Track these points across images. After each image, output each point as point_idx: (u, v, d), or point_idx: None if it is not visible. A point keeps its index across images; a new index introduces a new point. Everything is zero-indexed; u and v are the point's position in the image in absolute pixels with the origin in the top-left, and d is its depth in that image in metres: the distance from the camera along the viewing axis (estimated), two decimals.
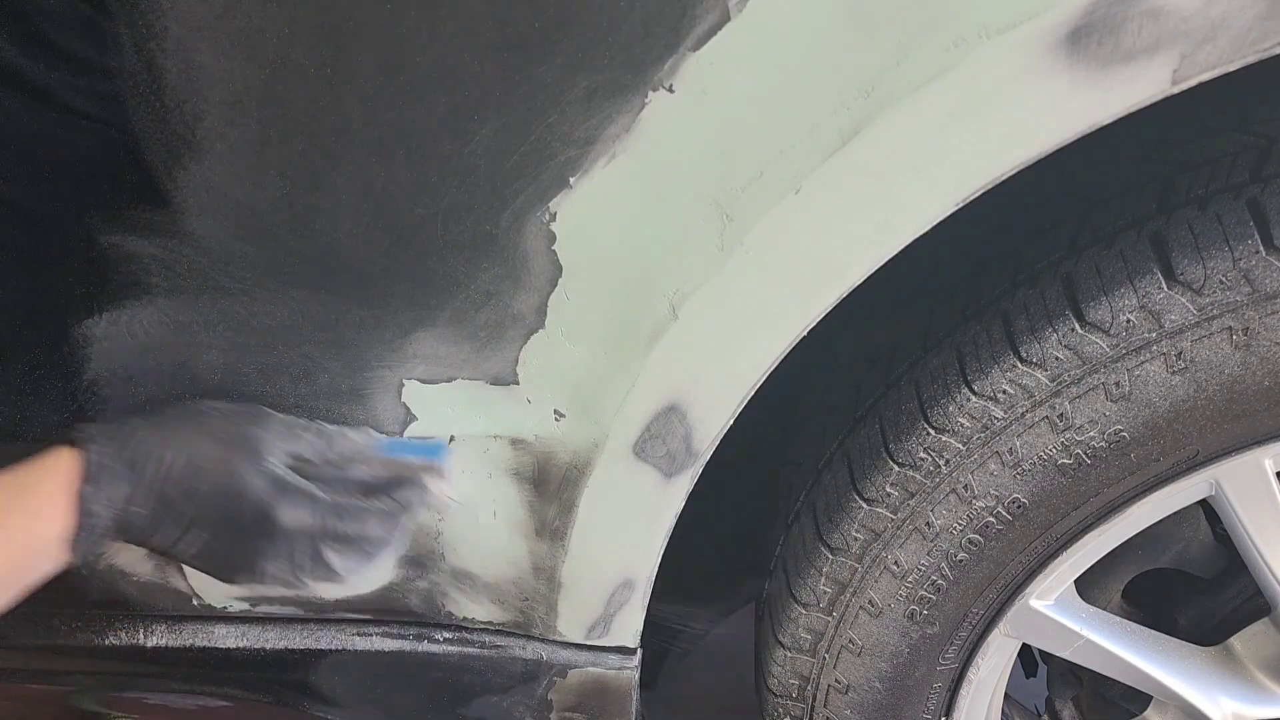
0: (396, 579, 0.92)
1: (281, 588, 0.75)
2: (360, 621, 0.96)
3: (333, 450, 0.77)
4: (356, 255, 0.71)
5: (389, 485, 0.78)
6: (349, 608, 0.95)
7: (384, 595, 0.93)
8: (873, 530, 0.89)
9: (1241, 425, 0.77)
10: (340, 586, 0.75)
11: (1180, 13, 0.56)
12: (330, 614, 0.95)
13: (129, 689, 1.07)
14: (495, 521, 0.86)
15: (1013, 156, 0.62)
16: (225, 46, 0.62)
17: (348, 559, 0.76)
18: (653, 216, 0.67)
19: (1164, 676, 0.97)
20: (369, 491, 0.78)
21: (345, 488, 0.77)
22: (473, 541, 0.88)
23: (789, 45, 0.59)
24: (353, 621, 0.96)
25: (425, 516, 0.84)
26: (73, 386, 0.80)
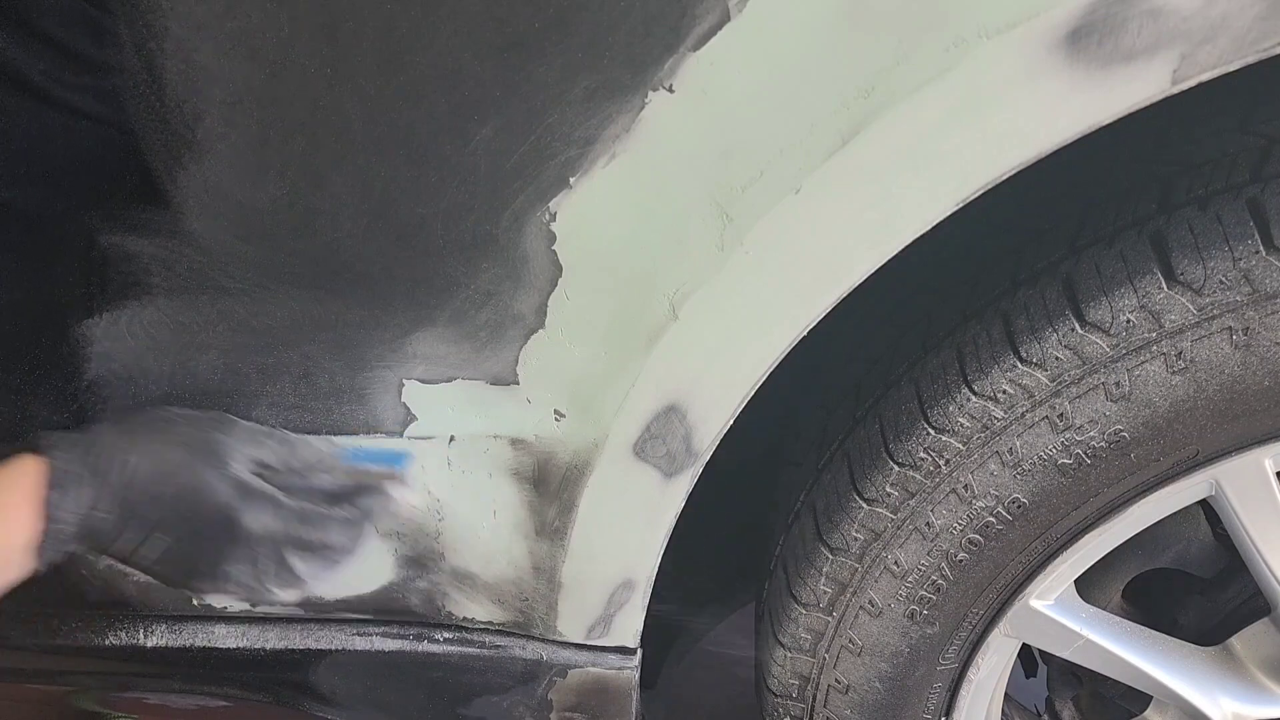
0: (396, 579, 0.92)
1: (243, 593, 0.75)
2: (360, 621, 0.96)
3: (296, 457, 0.78)
4: (356, 255, 0.71)
5: (351, 493, 0.79)
6: (349, 608, 0.95)
7: (384, 595, 0.93)
8: (873, 530, 0.89)
9: (1241, 425, 0.77)
10: (304, 591, 0.76)
11: (1180, 13, 0.56)
12: (330, 614, 0.95)
13: (129, 689, 1.07)
14: (495, 521, 0.86)
15: (1013, 156, 0.62)
16: (225, 46, 0.62)
17: (312, 565, 0.76)
18: (653, 216, 0.67)
19: (1164, 676, 0.97)
20: (332, 499, 0.78)
21: (308, 495, 0.77)
22: (473, 541, 0.88)
23: (789, 45, 0.59)
24: (353, 621, 0.96)
25: (388, 523, 0.85)
26: (73, 386, 0.80)
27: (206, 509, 0.71)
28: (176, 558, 0.72)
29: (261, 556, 0.74)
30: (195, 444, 0.73)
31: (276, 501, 0.74)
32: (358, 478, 0.80)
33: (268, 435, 0.78)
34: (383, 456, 0.81)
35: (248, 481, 0.73)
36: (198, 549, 0.72)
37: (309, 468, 0.78)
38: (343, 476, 0.79)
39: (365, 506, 0.79)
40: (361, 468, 0.80)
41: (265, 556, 0.74)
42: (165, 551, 0.72)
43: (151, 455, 0.71)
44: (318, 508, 0.77)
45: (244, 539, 0.72)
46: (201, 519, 0.71)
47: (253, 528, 0.72)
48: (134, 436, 0.72)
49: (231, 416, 0.78)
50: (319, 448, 0.79)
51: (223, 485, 0.72)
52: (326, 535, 0.76)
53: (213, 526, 0.72)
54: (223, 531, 0.72)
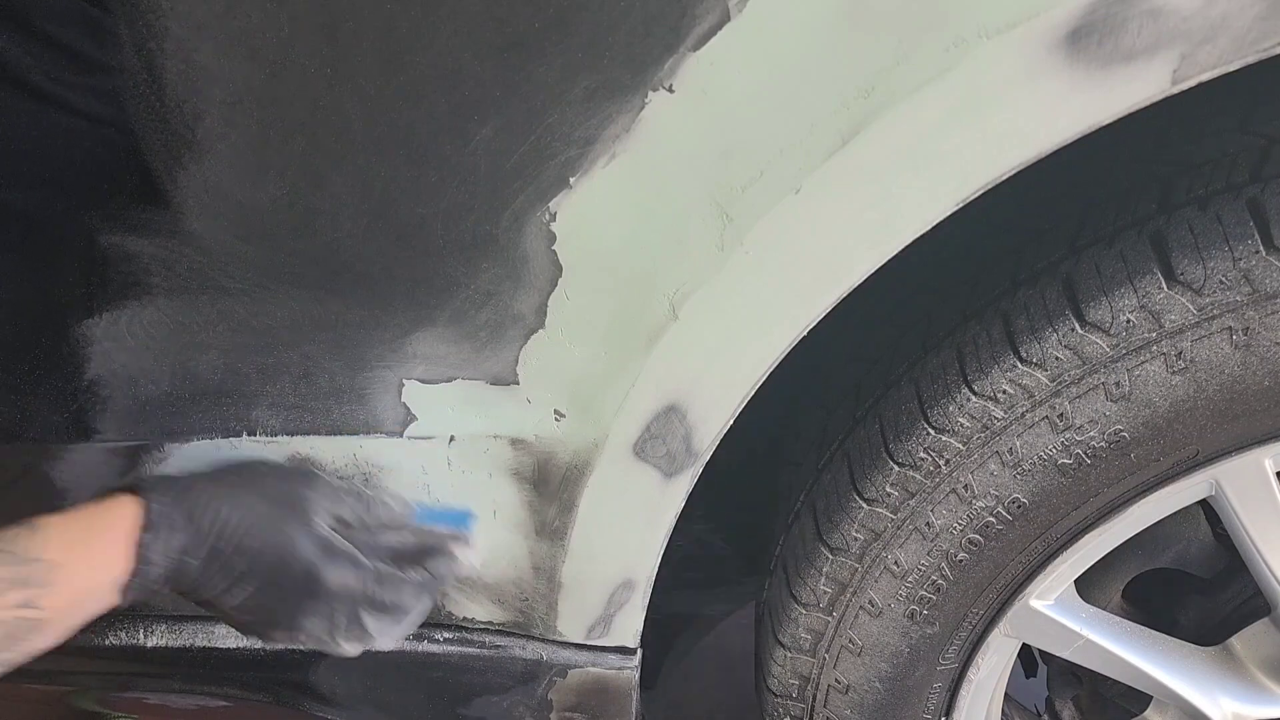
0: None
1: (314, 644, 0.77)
2: None
3: (370, 515, 0.80)
4: (356, 255, 0.71)
5: (421, 554, 0.81)
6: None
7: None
8: (873, 530, 0.89)
9: (1241, 425, 0.77)
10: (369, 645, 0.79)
11: (1180, 13, 0.56)
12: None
13: (129, 689, 1.07)
14: (495, 521, 0.86)
15: (1013, 156, 0.62)
16: (225, 46, 0.63)
17: (382, 622, 0.78)
18: (653, 216, 0.67)
19: (1164, 676, 0.97)
20: (402, 558, 0.80)
21: (380, 552, 0.79)
22: (473, 541, 0.88)
23: (789, 45, 0.59)
24: None
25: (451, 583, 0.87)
26: (73, 386, 0.80)
27: (290, 563, 0.73)
28: (257, 608, 0.74)
29: (339, 613, 0.75)
30: (282, 498, 0.75)
31: (356, 560, 0.76)
32: (426, 539, 0.82)
33: (347, 492, 0.79)
34: (450, 517, 0.84)
35: (329, 539, 0.75)
36: (279, 601, 0.74)
37: (382, 526, 0.80)
38: (410, 536, 0.81)
39: (434, 569, 0.81)
40: (430, 529, 0.83)
41: (341, 613, 0.76)
42: (246, 600, 0.73)
43: (242, 506, 0.73)
44: (393, 569, 0.79)
45: (324, 595, 0.74)
46: (284, 573, 0.73)
47: (333, 585, 0.74)
48: (226, 485, 0.74)
49: (316, 471, 0.80)
50: (394, 507, 0.82)
51: (306, 541, 0.74)
52: (400, 597, 0.78)
53: (295, 581, 0.73)
54: (304, 586, 0.74)
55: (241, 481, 0.76)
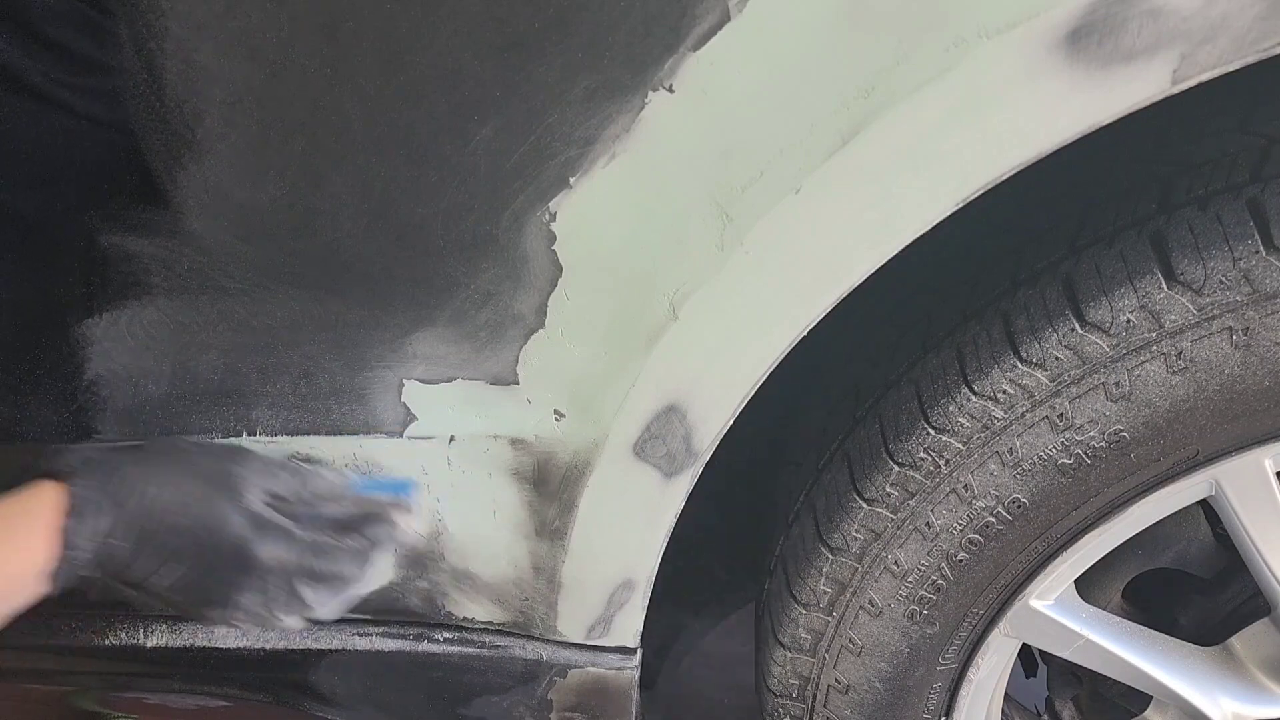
0: (396, 579, 0.92)
1: (252, 621, 0.76)
2: (360, 621, 0.96)
3: (308, 488, 0.79)
4: (356, 255, 0.71)
5: (360, 522, 0.80)
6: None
7: (384, 595, 0.93)
8: (873, 530, 0.89)
9: (1241, 425, 0.77)
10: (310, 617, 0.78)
11: (1180, 13, 0.56)
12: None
13: (129, 689, 1.07)
14: (495, 521, 0.86)
15: (1013, 156, 0.62)
16: (225, 46, 0.63)
17: (320, 593, 0.77)
18: (653, 216, 0.67)
19: (1164, 676, 0.97)
20: (341, 529, 0.79)
21: (318, 524, 0.78)
22: (473, 541, 0.88)
23: (789, 45, 0.59)
24: (353, 621, 0.96)
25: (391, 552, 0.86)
26: (73, 386, 0.80)
27: (221, 540, 0.72)
28: (189, 587, 0.73)
29: (272, 586, 0.75)
30: (211, 475, 0.74)
31: (289, 533, 0.75)
32: (366, 507, 0.81)
33: (281, 467, 0.78)
34: (390, 486, 0.83)
35: (261, 513, 0.74)
36: (211, 579, 0.73)
37: (320, 498, 0.79)
38: (351, 506, 0.81)
39: (373, 535, 0.80)
40: (370, 497, 0.82)
41: (276, 586, 0.75)
42: (178, 580, 0.72)
43: (169, 485, 0.72)
44: (328, 539, 0.78)
45: (256, 569, 0.73)
46: (215, 549, 0.72)
47: (265, 559, 0.73)
48: (152, 466, 0.73)
49: (247, 448, 0.79)
50: (330, 479, 0.81)
51: (237, 517, 0.73)
52: (337, 565, 0.77)
53: (226, 557, 0.73)
54: (236, 562, 0.73)
55: (169, 460, 0.74)
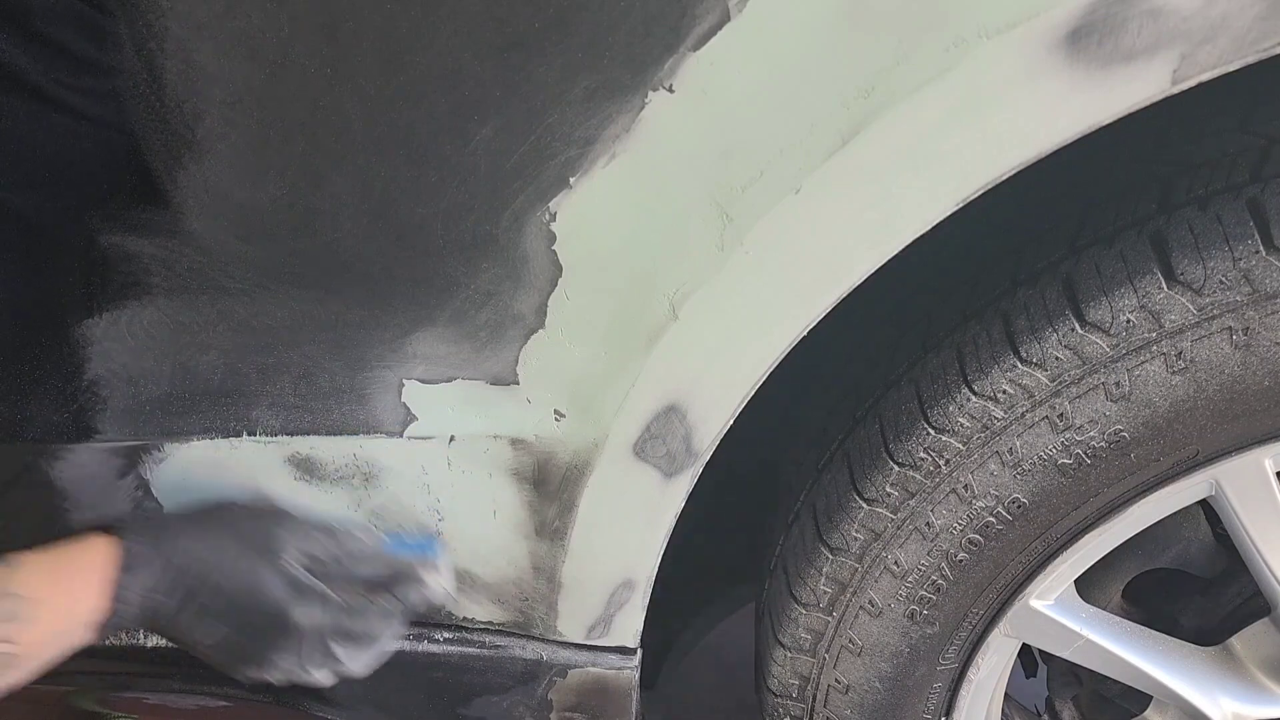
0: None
1: (285, 677, 0.79)
2: None
3: (341, 549, 0.81)
4: (356, 255, 0.71)
5: (390, 581, 0.83)
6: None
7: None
8: (873, 530, 0.89)
9: (1241, 425, 0.77)
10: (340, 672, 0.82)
11: (1180, 13, 0.56)
12: None
13: (129, 689, 1.06)
14: (495, 521, 0.86)
15: (1013, 156, 0.62)
16: (225, 46, 0.63)
17: (352, 650, 0.80)
18: (653, 216, 0.67)
19: (1164, 676, 0.97)
20: (372, 588, 0.83)
21: (351, 584, 0.81)
22: (473, 541, 0.88)
23: (789, 45, 0.59)
24: None
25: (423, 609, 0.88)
26: (73, 386, 0.80)
27: (261, 602, 0.75)
28: (228, 645, 0.76)
29: (307, 646, 0.77)
30: (254, 537, 0.77)
31: (324, 596, 0.78)
32: (396, 567, 0.84)
33: (317, 529, 0.81)
34: (418, 546, 0.86)
35: (299, 577, 0.77)
36: (249, 639, 0.76)
37: (352, 559, 0.82)
38: (381, 566, 0.83)
39: (403, 595, 0.83)
40: (399, 558, 0.84)
41: (311, 646, 0.77)
42: (219, 639, 0.75)
43: (215, 546, 0.74)
44: (361, 599, 0.81)
45: (293, 631, 0.76)
46: (256, 611, 0.75)
47: (302, 621, 0.76)
48: (200, 527, 0.76)
49: (287, 510, 0.82)
50: (363, 540, 0.83)
51: (276, 579, 0.76)
52: (368, 624, 0.80)
53: (265, 618, 0.75)
54: (274, 623, 0.75)
55: (215, 522, 0.77)
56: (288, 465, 0.84)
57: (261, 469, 0.84)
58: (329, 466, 0.84)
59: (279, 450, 0.83)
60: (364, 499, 0.86)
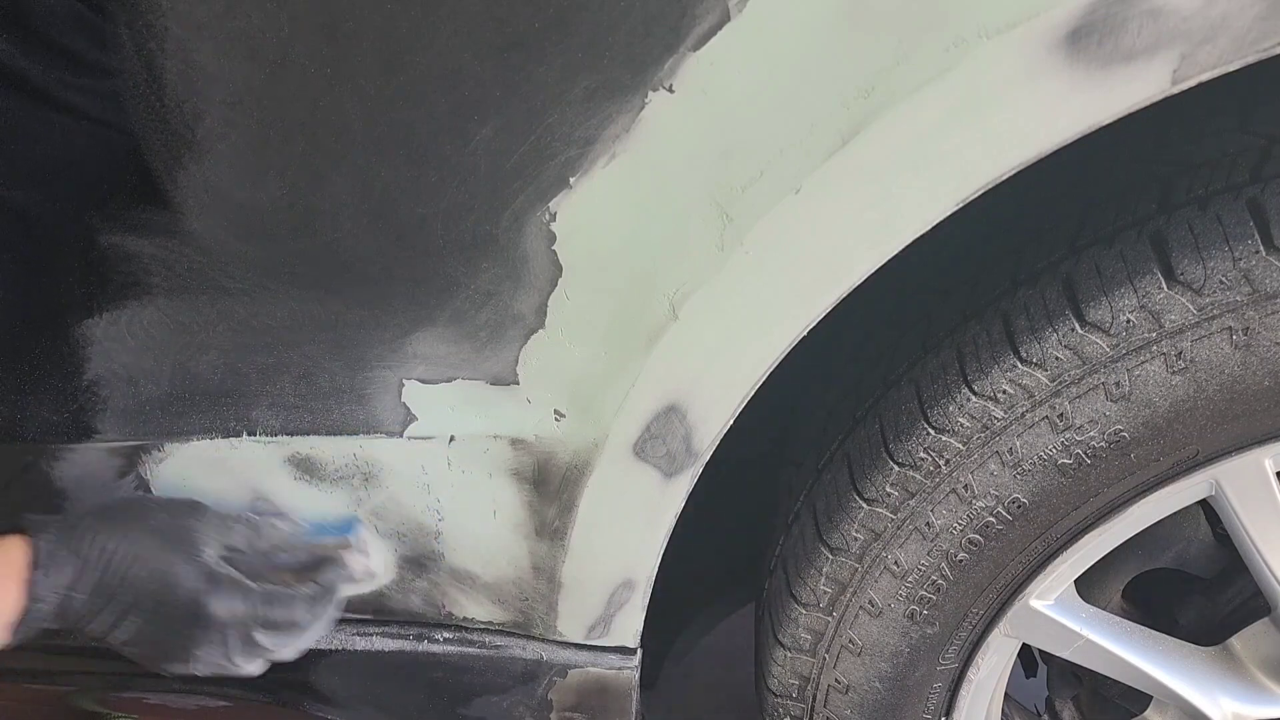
0: (396, 579, 0.92)
1: (212, 670, 0.78)
2: (360, 621, 0.96)
3: (261, 539, 0.81)
4: (356, 255, 0.71)
5: (313, 567, 0.83)
6: (349, 608, 0.95)
7: (384, 595, 0.94)
8: (873, 530, 0.89)
9: (1241, 425, 0.77)
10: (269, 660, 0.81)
11: (1180, 13, 0.56)
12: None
13: (129, 689, 1.07)
14: (495, 521, 0.86)
15: (1013, 156, 0.62)
16: (225, 46, 0.63)
17: (278, 638, 0.80)
18: (653, 216, 0.67)
19: (1164, 676, 0.97)
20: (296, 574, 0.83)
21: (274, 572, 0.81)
22: (473, 541, 0.88)
23: (789, 45, 0.59)
24: (353, 621, 0.96)
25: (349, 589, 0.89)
26: (73, 386, 0.80)
27: (177, 595, 0.74)
28: (148, 640, 0.75)
29: (230, 637, 0.77)
30: (169, 531, 0.76)
31: (243, 586, 0.78)
32: (316, 552, 0.84)
33: (236, 520, 0.81)
34: (335, 529, 0.85)
35: (216, 568, 0.77)
36: (168, 633, 0.75)
37: (274, 548, 0.82)
38: (303, 553, 0.83)
39: (326, 581, 0.83)
40: (318, 543, 0.84)
41: (234, 637, 0.77)
42: (137, 634, 0.75)
43: (128, 540, 0.74)
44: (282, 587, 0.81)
45: (214, 623, 0.76)
46: (172, 604, 0.74)
47: (221, 613, 0.76)
48: (112, 521, 0.75)
49: (203, 503, 0.81)
50: (283, 528, 0.83)
51: (194, 572, 0.75)
52: (292, 612, 0.80)
53: (183, 611, 0.75)
54: (192, 616, 0.75)
55: (127, 516, 0.77)
56: (287, 465, 0.84)
57: (261, 469, 0.84)
58: (329, 466, 0.84)
59: (279, 450, 0.83)
60: (364, 499, 0.86)
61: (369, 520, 0.87)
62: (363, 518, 0.87)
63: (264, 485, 0.85)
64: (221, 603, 0.76)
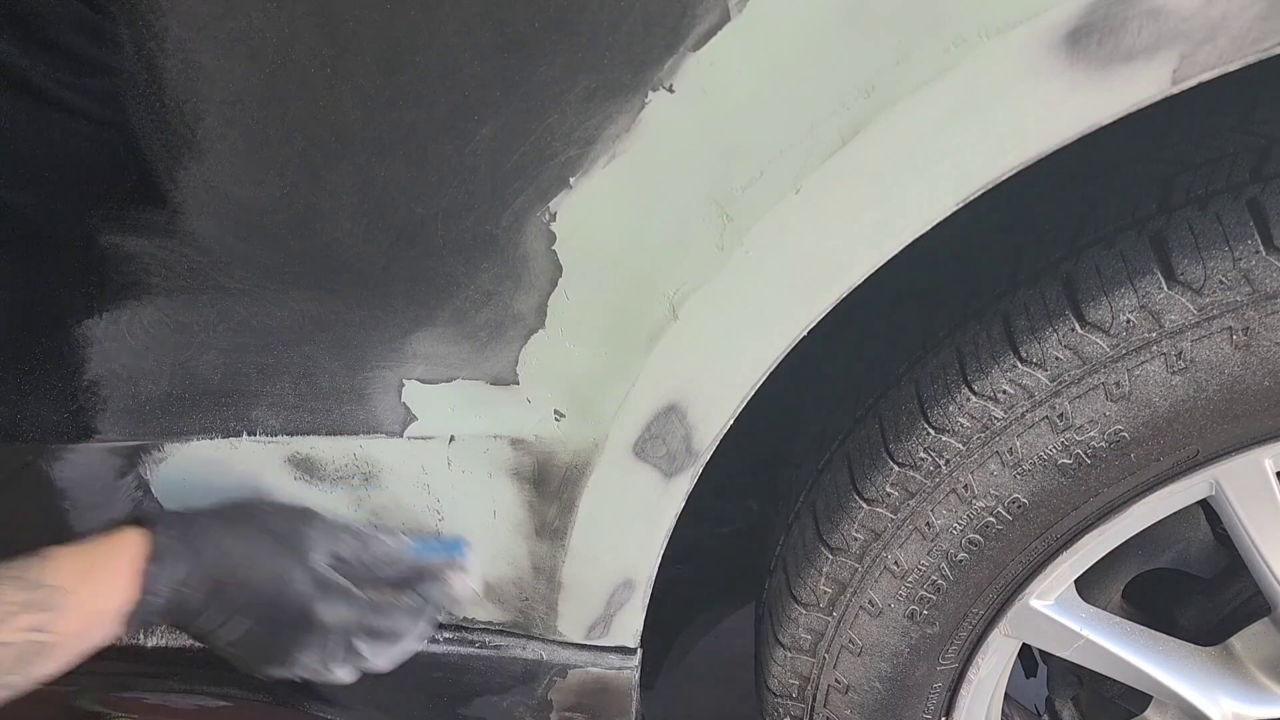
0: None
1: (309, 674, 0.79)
2: None
3: (367, 552, 0.82)
4: (356, 255, 0.71)
5: (416, 581, 0.84)
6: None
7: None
8: (873, 530, 0.89)
9: (1241, 425, 0.77)
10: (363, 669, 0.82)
11: (1180, 13, 0.56)
12: None
13: (129, 689, 1.07)
14: (495, 521, 0.86)
15: (1013, 156, 0.62)
16: (225, 46, 0.63)
17: (376, 648, 0.80)
18: (653, 216, 0.67)
19: (1164, 676, 0.97)
20: (398, 588, 0.83)
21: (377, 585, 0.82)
22: (473, 541, 0.88)
23: (789, 45, 0.59)
24: None
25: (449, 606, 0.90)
26: (73, 386, 0.80)
27: (287, 597, 0.75)
28: (253, 641, 0.76)
29: (331, 643, 0.78)
30: (282, 534, 0.77)
31: (349, 593, 0.78)
32: (421, 570, 0.84)
33: (345, 530, 0.82)
34: (446, 548, 0.87)
35: (325, 574, 0.78)
36: (274, 635, 0.76)
37: (377, 561, 0.82)
38: (407, 569, 0.84)
39: (428, 594, 0.84)
40: (425, 561, 0.85)
41: (335, 643, 0.78)
42: (244, 634, 0.75)
43: (243, 541, 0.75)
44: (387, 598, 0.82)
45: (318, 628, 0.76)
46: (281, 606, 0.75)
47: (327, 618, 0.76)
48: (229, 522, 0.77)
49: (316, 511, 0.82)
50: (389, 544, 0.84)
51: (303, 576, 0.76)
52: (393, 622, 0.81)
53: (291, 614, 0.76)
54: (299, 620, 0.76)
55: (244, 517, 0.78)
56: (287, 465, 0.84)
57: (261, 469, 0.84)
58: (329, 466, 0.84)
59: (279, 450, 0.83)
60: (364, 499, 0.86)
61: (368, 520, 0.87)
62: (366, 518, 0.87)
63: (264, 485, 0.85)
64: (329, 608, 0.76)
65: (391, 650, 0.82)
